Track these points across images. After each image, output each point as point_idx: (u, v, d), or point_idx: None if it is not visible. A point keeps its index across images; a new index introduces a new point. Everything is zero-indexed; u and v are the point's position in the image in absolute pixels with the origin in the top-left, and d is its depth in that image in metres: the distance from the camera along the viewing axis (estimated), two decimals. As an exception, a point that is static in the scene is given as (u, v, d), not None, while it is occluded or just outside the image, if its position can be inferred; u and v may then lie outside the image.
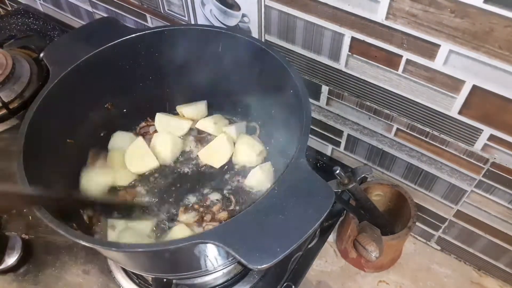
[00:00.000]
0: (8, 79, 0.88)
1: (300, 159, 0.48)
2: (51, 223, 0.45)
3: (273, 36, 0.68)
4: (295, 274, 0.67)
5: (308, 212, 0.44)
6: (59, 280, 0.68)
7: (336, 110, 0.71)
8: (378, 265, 0.74)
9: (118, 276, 0.68)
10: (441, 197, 0.70)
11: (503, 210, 0.63)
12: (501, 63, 0.48)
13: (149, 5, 0.83)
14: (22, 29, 1.13)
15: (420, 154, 0.66)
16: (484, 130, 0.56)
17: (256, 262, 0.40)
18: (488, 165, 0.60)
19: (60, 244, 0.72)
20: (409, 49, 0.54)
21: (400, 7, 0.51)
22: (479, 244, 0.71)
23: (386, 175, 0.75)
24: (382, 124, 0.67)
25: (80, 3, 1.00)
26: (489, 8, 0.45)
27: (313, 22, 0.61)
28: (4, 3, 1.27)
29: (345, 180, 0.62)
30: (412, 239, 0.80)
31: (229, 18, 0.71)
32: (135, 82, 0.72)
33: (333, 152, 0.81)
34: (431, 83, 0.56)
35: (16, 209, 0.48)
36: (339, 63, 0.63)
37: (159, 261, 0.53)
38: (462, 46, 0.50)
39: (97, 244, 0.45)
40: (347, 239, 0.71)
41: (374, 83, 0.62)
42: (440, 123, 0.60)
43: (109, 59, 0.65)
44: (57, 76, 0.60)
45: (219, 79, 0.73)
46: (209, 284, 0.66)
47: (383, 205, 0.76)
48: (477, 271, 0.75)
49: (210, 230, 0.43)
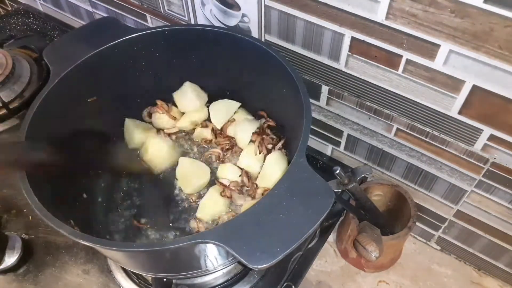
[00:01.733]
0: (8, 79, 0.88)
1: (300, 159, 0.48)
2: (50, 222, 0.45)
3: (273, 36, 0.68)
4: (295, 274, 0.67)
5: (308, 212, 0.44)
6: (59, 280, 0.68)
7: (336, 110, 0.71)
8: (378, 265, 0.74)
9: (118, 276, 0.68)
10: (441, 197, 0.70)
11: (503, 210, 0.63)
12: (501, 63, 0.48)
13: (149, 5, 0.83)
14: (22, 29, 1.13)
15: (420, 154, 0.66)
16: (484, 130, 0.56)
17: (256, 262, 0.40)
18: (488, 165, 0.60)
19: (60, 244, 0.72)
20: (409, 49, 0.54)
21: (400, 7, 0.51)
22: (479, 244, 0.71)
23: (386, 175, 0.75)
24: (382, 124, 0.67)
25: (80, 3, 1.00)
26: (489, 8, 0.45)
27: (313, 22, 0.61)
28: (4, 3, 1.27)
29: (345, 180, 0.62)
30: (412, 239, 0.80)
31: (229, 18, 0.71)
32: (135, 82, 0.72)
33: (333, 152, 0.81)
34: (431, 83, 0.56)
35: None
36: (339, 63, 0.63)
37: (159, 261, 0.53)
38: (462, 46, 0.50)
39: (97, 243, 0.45)
40: (347, 239, 0.71)
41: (374, 83, 0.62)
42: (440, 123, 0.60)
43: (110, 59, 0.65)
44: (58, 76, 0.60)
45: (218, 80, 0.73)
46: (209, 284, 0.66)
47: (383, 205, 0.76)
48: (477, 271, 0.75)
49: (210, 230, 0.43)
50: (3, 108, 0.87)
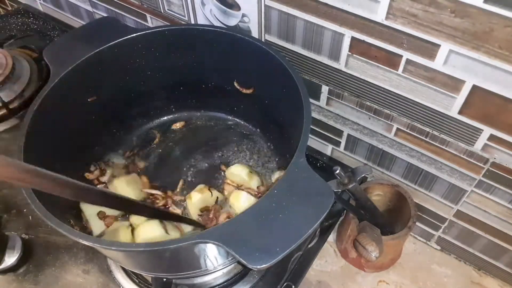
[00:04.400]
0: (8, 79, 0.88)
1: (300, 159, 0.48)
2: (50, 222, 0.45)
3: (273, 36, 0.68)
4: (295, 274, 0.67)
5: (308, 212, 0.44)
6: (59, 280, 0.68)
7: (336, 110, 0.71)
8: (378, 265, 0.74)
9: (118, 276, 0.68)
10: (441, 197, 0.70)
11: (503, 210, 0.63)
12: (501, 63, 0.48)
13: (149, 5, 0.83)
14: (22, 29, 1.13)
15: (420, 154, 0.66)
16: (484, 130, 0.56)
17: (256, 262, 0.40)
18: (488, 165, 0.60)
19: (60, 243, 0.72)
20: (409, 49, 0.54)
21: (400, 7, 0.51)
22: (479, 244, 0.71)
23: (386, 175, 0.75)
24: (382, 124, 0.67)
25: (80, 3, 1.00)
26: (489, 8, 0.45)
27: (313, 22, 0.61)
28: (4, 3, 1.27)
29: (345, 180, 0.62)
30: (412, 239, 0.80)
31: (229, 18, 0.71)
32: (135, 82, 0.72)
33: (333, 152, 0.81)
34: (431, 83, 0.56)
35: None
36: (339, 63, 0.63)
37: (159, 261, 0.53)
38: (462, 46, 0.50)
39: (96, 243, 0.45)
40: (347, 239, 0.72)
41: (374, 83, 0.62)
42: (440, 123, 0.60)
43: (110, 59, 0.66)
44: (57, 76, 0.60)
45: (218, 80, 0.73)
46: (209, 284, 0.66)
47: (383, 205, 0.76)
48: (477, 271, 0.75)
49: (210, 230, 0.43)
50: (3, 108, 0.87)
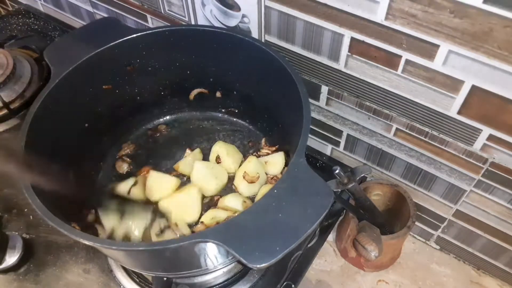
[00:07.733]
0: (9, 79, 0.89)
1: (299, 159, 0.48)
2: (51, 221, 0.45)
3: (273, 36, 0.68)
4: (295, 273, 0.67)
5: (308, 212, 0.44)
6: (60, 280, 0.68)
7: (336, 110, 0.72)
8: (377, 265, 0.74)
9: (119, 275, 0.68)
10: (440, 196, 0.70)
11: (502, 210, 0.63)
12: (500, 63, 0.48)
13: (149, 5, 0.83)
14: (23, 29, 1.13)
15: (420, 154, 0.67)
16: (483, 130, 0.56)
17: (256, 261, 0.41)
18: (487, 165, 0.60)
19: (61, 243, 0.72)
20: (409, 50, 0.55)
21: (400, 8, 0.51)
22: (478, 244, 0.71)
23: (385, 175, 0.75)
24: (382, 124, 0.67)
25: (80, 4, 1.01)
26: (488, 8, 0.45)
27: (312, 22, 0.61)
28: (5, 3, 1.28)
29: (344, 179, 0.62)
30: (412, 239, 0.80)
31: (229, 18, 0.71)
32: (135, 82, 0.72)
33: (332, 152, 0.81)
34: (430, 83, 0.56)
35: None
36: (338, 63, 0.64)
37: (159, 260, 0.53)
38: (462, 47, 0.50)
39: (97, 242, 0.45)
40: (347, 238, 0.72)
41: (374, 83, 0.62)
42: (439, 123, 0.60)
43: (110, 59, 0.66)
44: (58, 76, 0.61)
45: (218, 80, 0.73)
46: (209, 283, 0.66)
47: (383, 204, 0.76)
48: (476, 271, 0.76)
49: (210, 229, 0.44)
50: (4, 108, 0.87)
